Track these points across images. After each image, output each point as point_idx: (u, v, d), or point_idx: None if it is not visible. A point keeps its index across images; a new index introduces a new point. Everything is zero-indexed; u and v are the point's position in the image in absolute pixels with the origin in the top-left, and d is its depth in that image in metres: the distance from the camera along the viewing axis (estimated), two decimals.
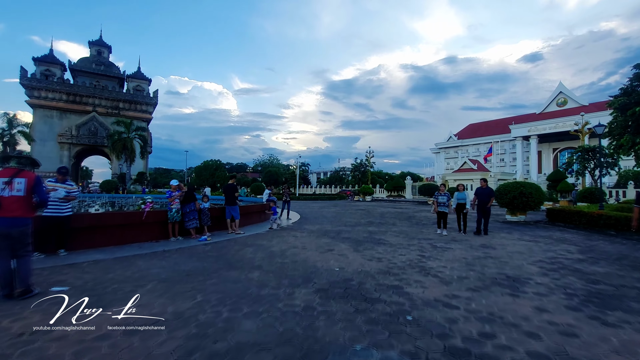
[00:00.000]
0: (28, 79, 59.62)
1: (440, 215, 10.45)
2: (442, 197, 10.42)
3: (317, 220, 14.97)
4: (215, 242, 8.26)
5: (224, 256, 6.63)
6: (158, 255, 6.63)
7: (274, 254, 6.85)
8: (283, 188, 15.45)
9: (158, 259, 6.28)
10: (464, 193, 10.69)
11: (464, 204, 10.61)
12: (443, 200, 10.36)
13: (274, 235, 9.79)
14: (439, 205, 10.41)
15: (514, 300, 4.16)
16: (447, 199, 10.37)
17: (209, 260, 6.22)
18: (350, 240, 8.84)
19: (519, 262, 6.39)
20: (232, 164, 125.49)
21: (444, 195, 10.42)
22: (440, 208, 10.37)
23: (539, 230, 11.89)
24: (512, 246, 8.30)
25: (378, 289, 4.52)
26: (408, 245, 8.15)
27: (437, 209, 10.45)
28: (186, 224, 8.77)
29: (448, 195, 10.51)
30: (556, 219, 14.68)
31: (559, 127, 60.24)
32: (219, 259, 6.35)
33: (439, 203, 10.40)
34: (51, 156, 60.79)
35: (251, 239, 8.89)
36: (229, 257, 6.51)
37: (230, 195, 10.02)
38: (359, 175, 62.49)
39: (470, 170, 49.76)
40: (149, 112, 71.63)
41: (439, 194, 10.52)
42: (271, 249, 7.41)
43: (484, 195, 10.27)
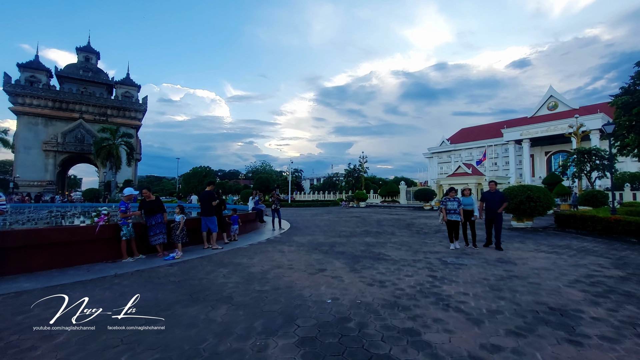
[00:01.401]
0: (12, 85, 57.60)
1: (451, 226, 8.74)
2: (451, 203, 8.71)
3: (308, 230, 13.68)
4: (184, 262, 6.91)
5: (188, 281, 5.30)
6: (105, 282, 5.28)
7: (252, 278, 5.54)
8: (271, 195, 14.09)
9: (101, 288, 4.93)
10: (470, 198, 9.23)
11: (470, 211, 9.13)
12: (453, 206, 8.67)
13: (257, 250, 8.46)
14: (449, 213, 8.69)
15: (579, 353, 2.94)
16: (457, 205, 8.67)
17: (168, 289, 4.89)
18: (345, 256, 7.57)
19: (553, 284, 5.20)
20: (225, 171, 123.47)
21: (454, 201, 8.71)
22: (451, 216, 8.68)
23: (553, 239, 10.78)
24: (533, 260, 7.13)
25: (386, 337, 3.24)
26: (414, 262, 6.91)
27: (447, 218, 8.70)
28: (151, 239, 7.41)
29: (459, 200, 8.78)
30: (566, 225, 13.63)
31: (550, 130, 60.17)
32: (181, 286, 5.02)
33: (449, 210, 8.69)
34: (36, 164, 58.56)
35: (229, 256, 7.55)
36: (194, 283, 5.19)
37: (207, 204, 8.71)
38: (352, 181, 61.40)
39: (464, 175, 48.99)
40: (138, 118, 69.85)
41: (448, 200, 8.79)
42: (250, 270, 6.09)
43: (493, 200, 8.70)
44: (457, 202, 8.68)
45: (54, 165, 60.50)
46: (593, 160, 32.01)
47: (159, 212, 7.59)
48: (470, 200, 9.17)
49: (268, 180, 50.20)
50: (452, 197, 8.86)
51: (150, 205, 7.52)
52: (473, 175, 46.78)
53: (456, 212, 8.61)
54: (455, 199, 8.74)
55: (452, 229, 8.76)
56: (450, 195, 8.91)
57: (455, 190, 9.01)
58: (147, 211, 7.49)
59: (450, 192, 8.98)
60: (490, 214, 8.71)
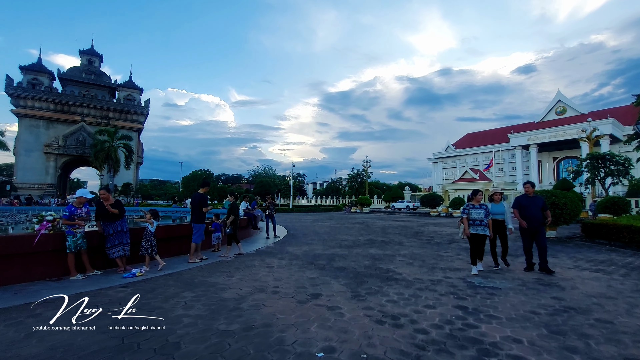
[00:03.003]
0: (14, 87, 57.25)
1: (476, 242, 6.37)
2: (477, 211, 6.42)
3: (306, 238, 12.30)
4: (145, 280, 5.57)
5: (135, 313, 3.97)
6: (24, 313, 3.96)
7: (221, 308, 4.18)
8: (266, 199, 12.74)
9: (13, 323, 3.61)
10: (501, 205, 7.09)
11: (502, 222, 6.97)
12: (479, 216, 6.37)
13: (241, 265, 7.08)
14: (473, 225, 6.38)
15: None
16: (485, 213, 6.42)
17: (99, 324, 3.55)
18: (346, 274, 6.19)
19: (632, 323, 3.78)
20: (228, 175, 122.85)
21: (480, 209, 6.43)
22: (476, 229, 6.35)
23: (586, 251, 9.33)
24: (581, 282, 5.71)
25: None
26: (432, 283, 5.51)
27: (470, 231, 6.37)
28: (108, 251, 6.10)
29: (487, 208, 6.53)
30: (596, 235, 12.13)
31: (559, 135, 58.69)
32: (119, 322, 3.68)
33: (473, 221, 6.41)
34: (36, 167, 57.88)
35: (204, 274, 6.19)
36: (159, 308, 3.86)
37: (195, 208, 7.49)
38: (355, 186, 60.00)
39: (471, 180, 47.47)
40: (140, 121, 69.19)
41: (472, 207, 6.53)
42: (223, 295, 4.73)
43: (534, 207, 6.53)
44: (484, 210, 6.41)
45: (55, 168, 59.86)
46: (607, 165, 30.49)
47: (120, 219, 6.29)
48: (501, 208, 7.04)
49: (269, 184, 48.97)
50: (477, 202, 6.57)
51: (107, 210, 6.21)
52: (480, 180, 45.29)
53: (483, 224, 6.37)
54: (483, 206, 6.49)
55: (476, 246, 6.39)
56: (476, 200, 6.59)
57: (482, 193, 6.77)
58: (103, 217, 6.19)
59: (476, 196, 6.67)
60: (531, 227, 6.50)
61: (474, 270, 6.36)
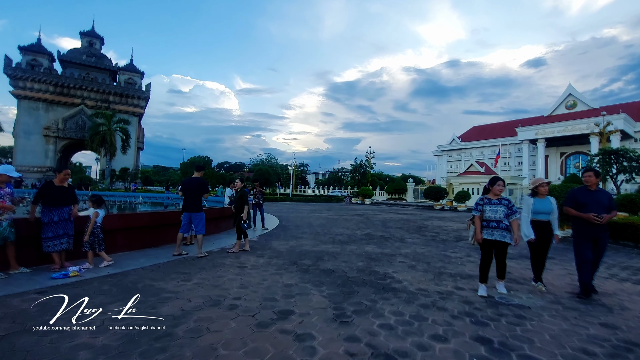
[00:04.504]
0: (12, 68, 55.99)
1: (489, 250, 4.57)
2: (493, 208, 4.58)
3: (297, 230, 11.13)
4: (75, 283, 4.38)
5: (22, 337, 2.82)
6: None
7: (144, 336, 2.95)
8: (253, 187, 11.52)
9: None
10: (548, 201, 4.93)
11: (547, 224, 4.87)
12: (496, 214, 4.53)
13: (208, 263, 5.88)
14: (488, 228, 4.55)
15: None
16: (505, 212, 4.54)
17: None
18: (333, 280, 4.99)
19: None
20: (231, 163, 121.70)
21: (500, 205, 4.58)
22: (491, 233, 4.51)
23: (616, 256, 8.05)
24: (630, 300, 4.41)
25: None
26: (440, 297, 4.30)
27: (481, 235, 4.56)
28: (47, 242, 4.93)
29: (509, 204, 4.63)
30: (621, 237, 10.86)
31: (568, 130, 56.93)
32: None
33: (487, 221, 4.57)
34: (35, 150, 57.04)
35: (155, 275, 4.96)
36: (26, 343, 2.71)
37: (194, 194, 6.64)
38: (358, 177, 58.75)
39: (477, 174, 46.03)
40: (141, 106, 67.83)
41: (488, 202, 4.66)
42: (160, 310, 3.50)
43: (596, 205, 4.59)
44: (504, 207, 4.55)
45: (54, 151, 59.07)
46: (620, 162, 29.07)
47: (63, 205, 5.10)
48: (549, 206, 4.88)
49: (268, 173, 47.80)
50: (495, 196, 4.65)
51: (56, 193, 5.05)
52: (486, 174, 43.84)
53: (502, 226, 4.45)
54: (503, 201, 4.60)
55: (489, 256, 4.55)
56: (494, 192, 4.64)
57: (502, 183, 4.66)
58: (49, 200, 5.02)
59: (494, 186, 4.64)
60: (593, 233, 4.58)
61: (480, 290, 4.55)
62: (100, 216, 5.40)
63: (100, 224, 5.42)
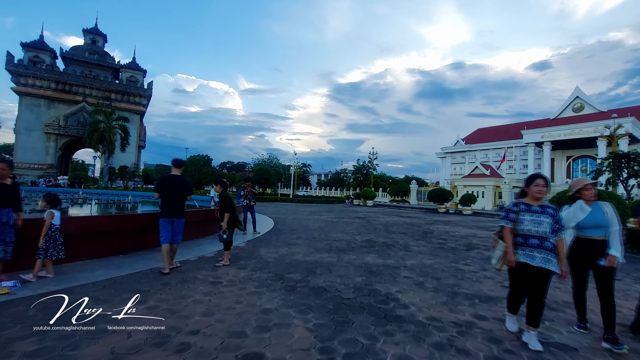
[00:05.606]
0: (14, 64, 55.82)
1: (524, 279, 3.26)
2: (536, 217, 3.20)
3: (292, 235, 10.40)
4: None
5: None
6: None
7: None
8: (244, 187, 10.78)
9: None
10: (599, 210, 3.46)
11: (601, 243, 3.42)
12: (542, 227, 3.16)
13: (177, 277, 5.16)
14: (524, 245, 3.23)
15: None
16: (553, 224, 3.17)
17: None
18: (323, 303, 4.25)
19: None
20: (233, 163, 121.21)
21: (544, 214, 3.20)
22: (528, 255, 3.18)
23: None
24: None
25: None
26: (458, 332, 3.50)
27: (515, 257, 3.23)
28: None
29: (555, 214, 3.22)
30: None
31: (575, 133, 55.79)
32: None
33: (525, 237, 3.23)
34: (36, 147, 56.79)
35: (103, 294, 4.30)
36: None
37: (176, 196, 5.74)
38: (360, 178, 58.01)
39: (482, 176, 45.20)
40: (142, 104, 67.49)
41: (526, 207, 3.29)
42: (79, 353, 2.76)
43: None
44: (550, 218, 3.18)
45: (55, 148, 58.83)
46: (631, 166, 28.24)
47: (6, 207, 4.42)
48: (602, 217, 3.43)
49: (269, 173, 47.09)
50: (536, 201, 3.30)
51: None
52: (491, 177, 42.98)
53: (545, 245, 3.14)
54: (548, 210, 3.23)
55: (522, 287, 3.36)
56: (532, 195, 3.30)
57: (546, 182, 3.25)
58: None
59: (532, 185, 3.30)
60: None
61: (509, 323, 3.56)
62: (57, 217, 4.71)
63: (59, 225, 4.74)
